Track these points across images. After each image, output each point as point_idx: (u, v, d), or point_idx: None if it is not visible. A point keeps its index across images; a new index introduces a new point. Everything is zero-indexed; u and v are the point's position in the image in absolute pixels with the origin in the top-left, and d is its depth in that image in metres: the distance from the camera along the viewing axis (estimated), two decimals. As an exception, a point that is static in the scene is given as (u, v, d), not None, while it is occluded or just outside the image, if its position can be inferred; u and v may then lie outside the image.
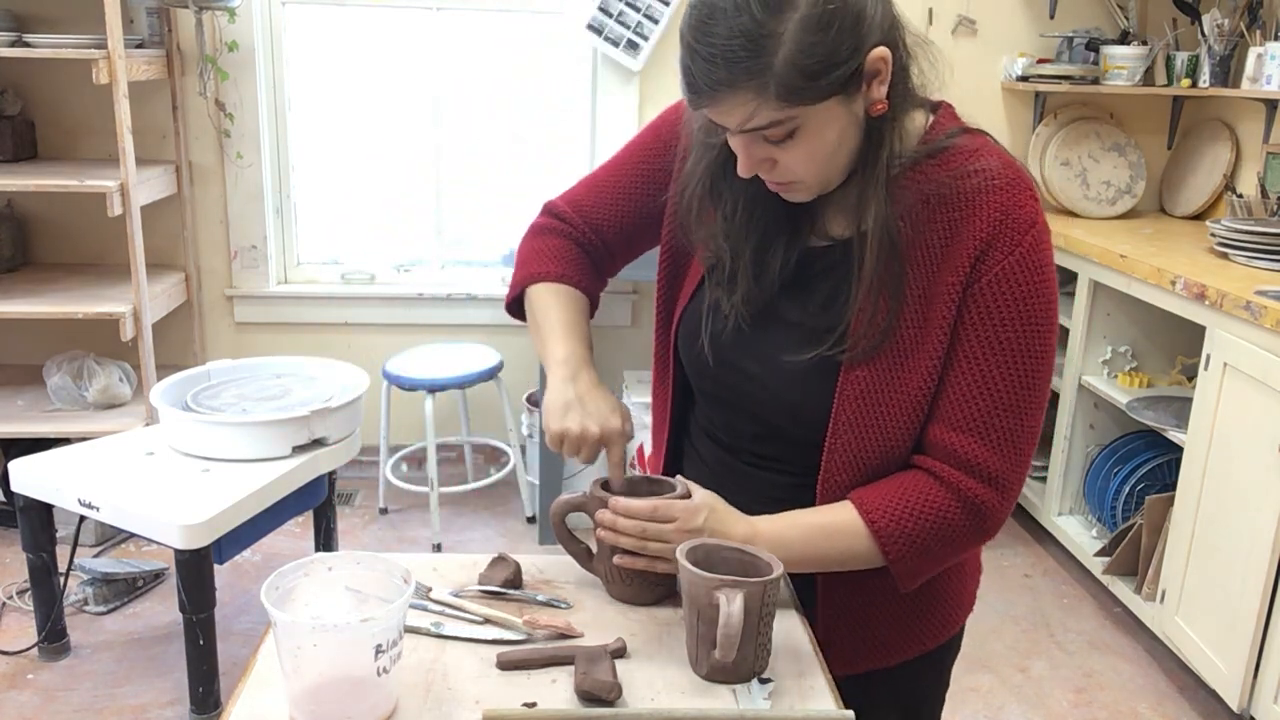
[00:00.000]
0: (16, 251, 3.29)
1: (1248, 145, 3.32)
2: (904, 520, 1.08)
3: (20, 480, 2.38)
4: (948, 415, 1.08)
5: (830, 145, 1.03)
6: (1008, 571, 3.17)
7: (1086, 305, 3.01)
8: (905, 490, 1.09)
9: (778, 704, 1.02)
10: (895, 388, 1.08)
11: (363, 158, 3.56)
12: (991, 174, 1.06)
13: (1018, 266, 1.04)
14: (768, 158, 1.04)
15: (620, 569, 1.16)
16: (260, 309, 3.51)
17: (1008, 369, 1.06)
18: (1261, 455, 2.22)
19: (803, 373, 1.12)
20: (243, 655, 2.57)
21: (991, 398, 1.06)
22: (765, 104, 0.97)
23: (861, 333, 1.07)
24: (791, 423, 1.15)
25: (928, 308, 1.07)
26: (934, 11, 3.46)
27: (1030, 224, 1.05)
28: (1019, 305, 1.05)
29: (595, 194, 1.29)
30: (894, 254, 1.06)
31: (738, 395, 1.19)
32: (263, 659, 1.05)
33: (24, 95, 3.24)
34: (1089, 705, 2.53)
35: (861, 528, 1.09)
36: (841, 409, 1.10)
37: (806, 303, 1.14)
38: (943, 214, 1.06)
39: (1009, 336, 1.05)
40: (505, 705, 0.99)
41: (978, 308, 1.05)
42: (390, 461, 3.42)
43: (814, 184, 1.08)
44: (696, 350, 1.20)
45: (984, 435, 1.07)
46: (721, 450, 1.25)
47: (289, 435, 2.39)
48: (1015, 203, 1.05)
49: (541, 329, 1.23)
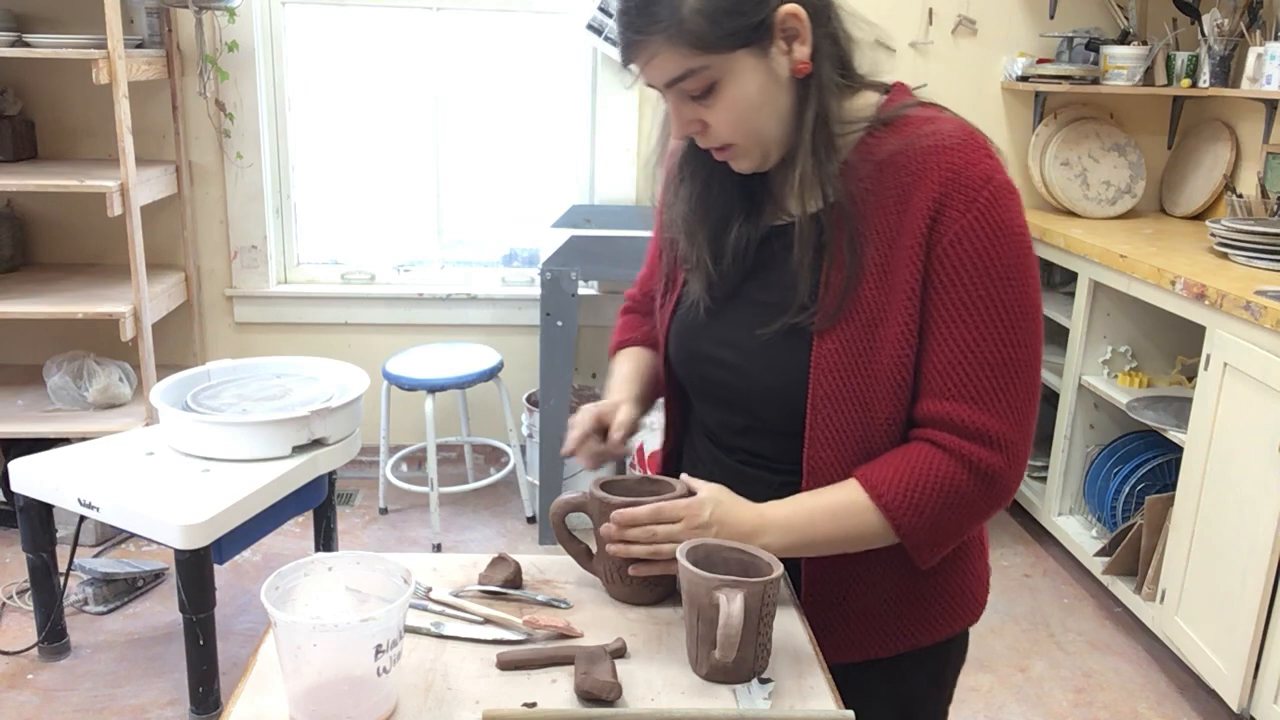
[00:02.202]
0: (16, 251, 3.29)
1: (1248, 145, 3.32)
2: (912, 493, 1.06)
3: (20, 480, 2.38)
4: (937, 386, 1.06)
5: (752, 102, 1.05)
6: (1008, 571, 3.17)
7: (1086, 305, 3.02)
8: (910, 462, 1.07)
9: (778, 704, 1.02)
10: (869, 358, 1.07)
11: (363, 157, 3.56)
12: (943, 135, 1.06)
13: (977, 224, 1.03)
14: (697, 119, 1.08)
15: (621, 570, 1.17)
16: (260, 309, 3.52)
17: (987, 330, 1.04)
18: (1261, 455, 2.22)
19: (775, 349, 1.13)
20: (243, 655, 2.57)
21: (977, 361, 1.04)
22: (677, 52, 1.02)
23: (826, 299, 1.09)
24: (771, 408, 1.16)
25: (890, 273, 1.06)
26: (934, 11, 3.46)
27: (985, 180, 1.04)
28: (985, 263, 1.03)
29: (650, 268, 1.41)
30: (851, 222, 1.07)
31: (719, 388, 1.21)
32: (263, 659, 1.05)
33: (24, 95, 3.24)
34: (1089, 705, 2.53)
35: (870, 504, 1.08)
36: (818, 383, 1.09)
37: (771, 281, 1.15)
38: (895, 178, 1.07)
39: (981, 296, 1.04)
40: (505, 705, 0.99)
41: (944, 270, 1.04)
42: (390, 461, 3.42)
43: (749, 147, 1.10)
44: (680, 352, 1.25)
45: (977, 400, 1.05)
46: (716, 448, 1.27)
47: (289, 435, 2.39)
48: (968, 161, 1.04)
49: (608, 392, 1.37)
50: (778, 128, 1.08)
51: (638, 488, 1.20)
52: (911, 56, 3.50)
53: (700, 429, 1.30)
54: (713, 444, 1.27)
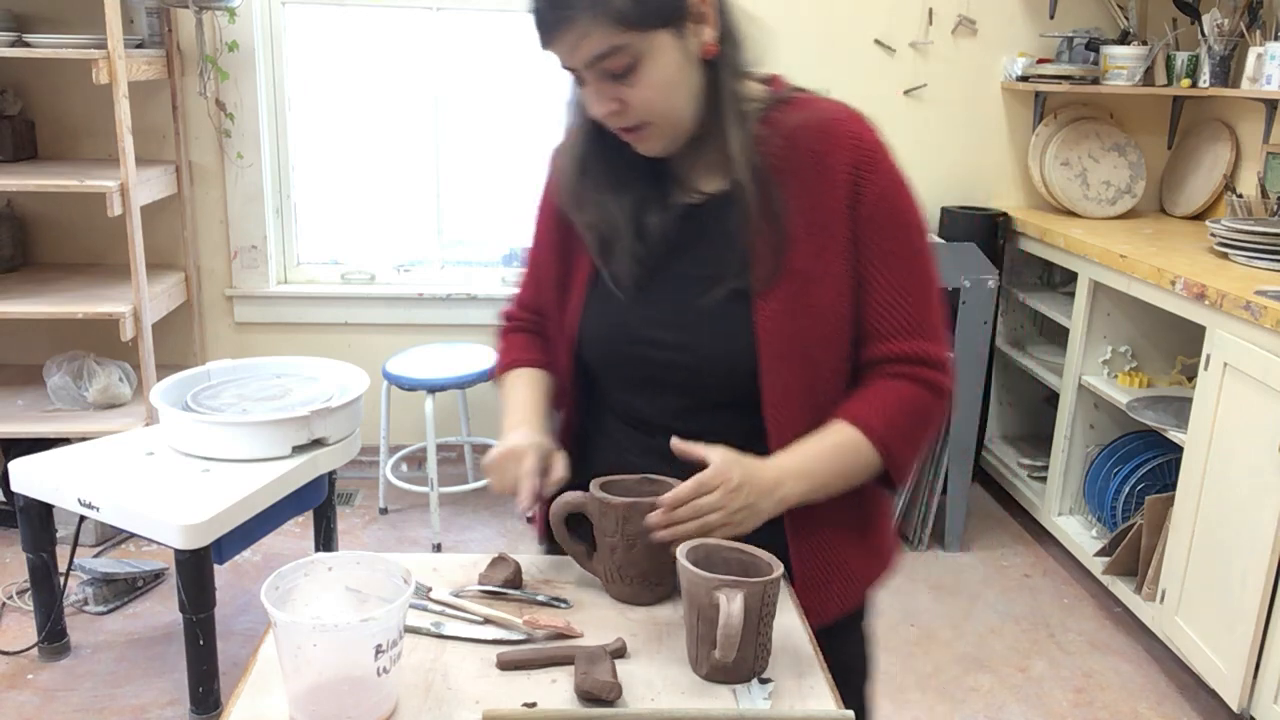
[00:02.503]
0: (16, 251, 3.29)
1: (1248, 145, 3.32)
2: (894, 422, 1.18)
3: (20, 480, 2.38)
4: (885, 328, 1.19)
5: (671, 79, 1.12)
6: (1008, 571, 3.17)
7: (1086, 305, 3.02)
8: (884, 396, 1.19)
9: (778, 704, 1.02)
10: (810, 314, 1.17)
11: (363, 157, 3.56)
12: (837, 110, 1.21)
13: (888, 184, 1.18)
14: (616, 98, 1.12)
15: (621, 569, 1.17)
16: (260, 309, 3.51)
17: (913, 272, 1.19)
18: (1261, 455, 2.22)
19: (718, 318, 1.18)
20: (243, 655, 2.57)
21: (911, 300, 1.19)
22: (602, 30, 1.07)
23: (761, 261, 1.17)
24: (720, 379, 1.19)
25: (818, 233, 1.17)
26: (934, 11, 3.46)
27: (881, 146, 1.19)
28: (901, 217, 1.19)
29: (529, 285, 1.41)
30: (771, 188, 1.16)
31: (660, 370, 1.23)
32: (263, 659, 1.05)
33: (24, 95, 3.24)
34: (1089, 705, 2.53)
35: (864, 440, 1.18)
36: (767, 344, 1.16)
37: (698, 256, 1.21)
38: (806, 148, 1.18)
39: (903, 245, 1.19)
40: (505, 705, 0.99)
41: (871, 228, 1.17)
42: (390, 461, 3.42)
43: (665, 125, 1.15)
44: (606, 343, 1.26)
45: (919, 332, 1.19)
46: (644, 435, 1.27)
47: (289, 435, 2.39)
48: (864, 130, 1.19)
49: (503, 412, 1.34)
50: (690, 107, 1.15)
51: (637, 488, 1.20)
52: (911, 56, 3.50)
53: (622, 419, 1.30)
54: (641, 432, 1.28)
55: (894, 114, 3.54)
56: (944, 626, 2.85)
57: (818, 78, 3.24)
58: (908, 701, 2.52)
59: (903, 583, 3.07)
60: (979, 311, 3.08)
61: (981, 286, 3.08)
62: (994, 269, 3.12)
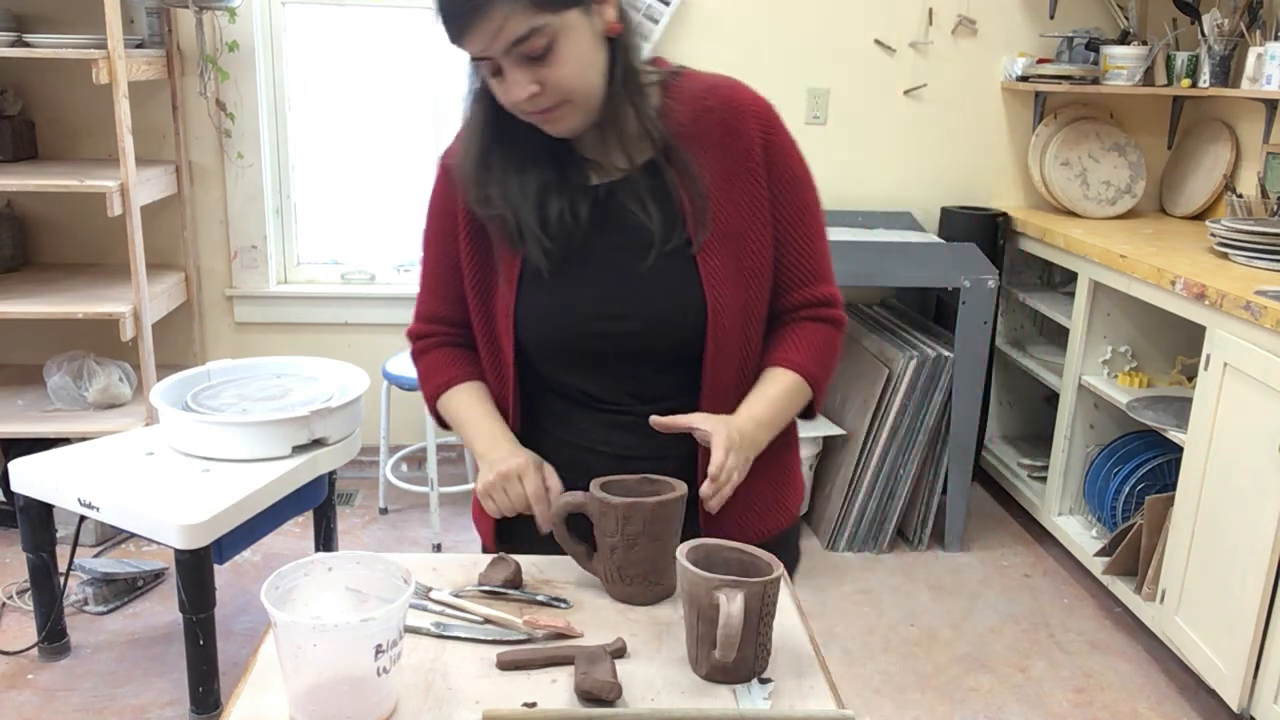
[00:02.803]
0: (16, 251, 3.29)
1: (1248, 145, 3.32)
2: (820, 359, 1.31)
3: (20, 480, 2.38)
4: (796, 279, 1.31)
5: (585, 56, 1.17)
6: (1008, 571, 3.17)
7: (1086, 305, 3.02)
8: (809, 339, 1.31)
9: (778, 704, 1.02)
10: (743, 266, 1.26)
11: (363, 157, 3.56)
12: (726, 80, 1.30)
13: (787, 145, 1.29)
14: (536, 80, 1.15)
15: (621, 569, 1.17)
16: (260, 309, 3.51)
17: (812, 223, 1.31)
18: (1261, 455, 2.22)
19: (666, 280, 1.24)
20: (243, 655, 2.57)
21: (815, 249, 1.31)
22: (519, 14, 1.11)
23: (692, 222, 1.24)
24: (670, 339, 1.25)
25: (737, 191, 1.26)
26: (934, 11, 3.46)
27: (774, 109, 1.30)
28: (801, 171, 1.30)
29: (436, 298, 1.40)
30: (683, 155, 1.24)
31: (612, 344, 1.26)
32: (263, 659, 1.06)
33: (24, 95, 3.24)
34: (1089, 705, 2.53)
35: (802, 383, 1.30)
36: (714, 297, 1.23)
37: (628, 227, 1.25)
38: (713, 115, 1.26)
39: (804, 198, 1.30)
40: (505, 705, 0.99)
41: (782, 185, 1.28)
42: (390, 461, 3.42)
43: (581, 102, 1.19)
44: (553, 329, 1.28)
45: (822, 277, 1.33)
46: (607, 412, 1.31)
47: (289, 435, 2.39)
48: (756, 97, 1.29)
49: (463, 431, 1.37)
50: (600, 84, 1.20)
51: (637, 488, 1.20)
52: (911, 56, 3.50)
53: (572, 399, 1.32)
54: (591, 409, 1.31)
55: (894, 114, 3.54)
56: (944, 626, 2.85)
57: (818, 78, 3.31)
58: (908, 701, 2.52)
59: (903, 583, 3.07)
60: (979, 311, 3.08)
61: (981, 286, 3.08)
62: (994, 269, 3.12)
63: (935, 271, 3.14)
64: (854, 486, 3.19)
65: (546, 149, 1.25)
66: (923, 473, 3.19)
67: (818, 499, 3.35)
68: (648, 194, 1.25)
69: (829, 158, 3.55)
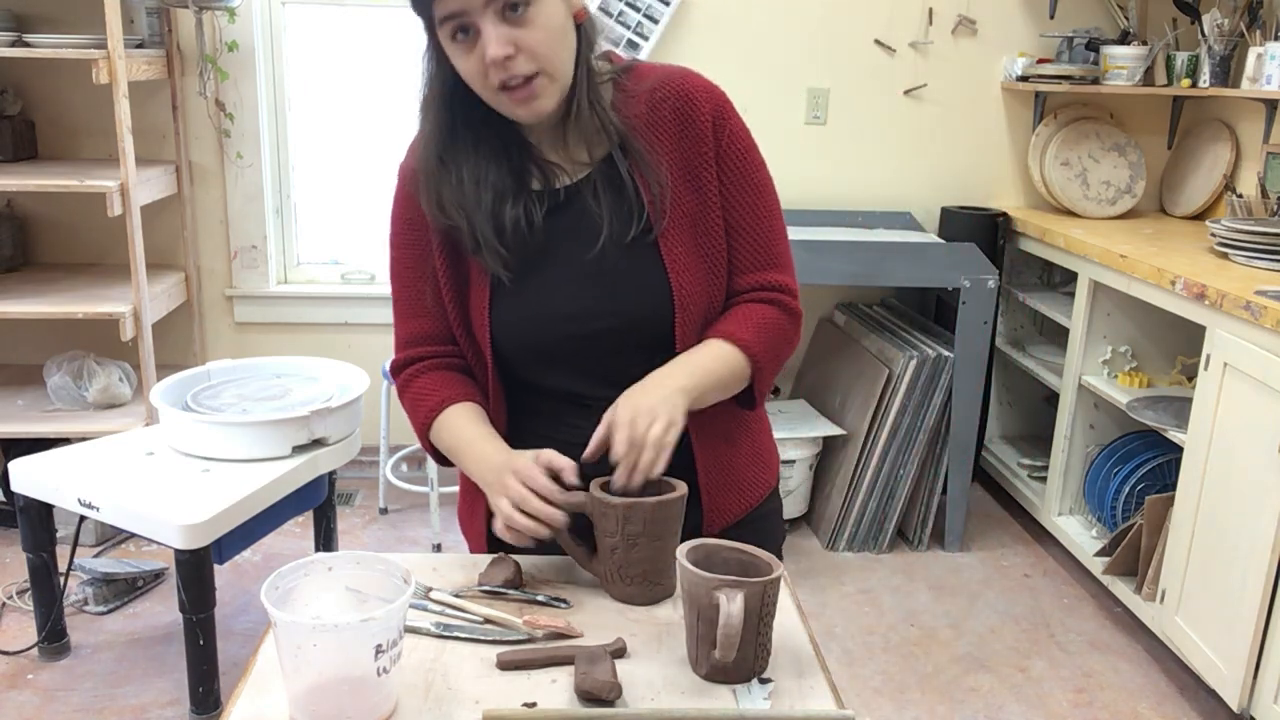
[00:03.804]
0: (16, 251, 3.29)
1: (1248, 145, 3.32)
2: (762, 337, 1.28)
3: (20, 480, 2.38)
4: (746, 263, 1.30)
5: (559, 27, 1.18)
6: (1008, 571, 3.17)
7: (1086, 305, 3.02)
8: (751, 315, 1.29)
9: (778, 704, 1.02)
10: (704, 252, 1.27)
11: (363, 157, 3.56)
12: (680, 71, 1.30)
13: (740, 128, 1.29)
14: (512, 41, 1.14)
15: (621, 570, 1.17)
16: (260, 309, 3.51)
17: (767, 208, 1.31)
18: (1261, 455, 2.22)
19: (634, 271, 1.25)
20: (243, 655, 2.57)
21: (768, 234, 1.31)
22: None
23: (653, 213, 1.25)
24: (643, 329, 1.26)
25: (695, 178, 1.26)
26: (934, 11, 3.46)
27: (726, 96, 1.30)
28: (753, 156, 1.30)
29: (415, 317, 1.37)
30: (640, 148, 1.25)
31: (589, 341, 1.27)
32: (263, 659, 1.06)
33: (24, 95, 3.24)
34: (1089, 705, 2.53)
35: (737, 353, 1.27)
36: (678, 286, 1.24)
37: (589, 225, 1.25)
38: (667, 106, 1.26)
39: (756, 183, 1.30)
40: (505, 705, 0.99)
41: (731, 170, 1.28)
42: (390, 461, 3.42)
43: (553, 75, 1.18)
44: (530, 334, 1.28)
45: (777, 264, 1.32)
46: (579, 406, 1.30)
47: (289, 435, 2.39)
48: (709, 85, 1.29)
49: (459, 456, 1.32)
50: (570, 62, 1.21)
51: (638, 487, 1.20)
52: (912, 56, 3.50)
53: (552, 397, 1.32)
54: (574, 405, 1.31)
55: (894, 114, 3.54)
56: (944, 626, 2.85)
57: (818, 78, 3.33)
58: (908, 701, 2.52)
59: (903, 583, 3.07)
60: (979, 311, 3.08)
61: (981, 286, 3.08)
62: (994, 269, 3.12)
63: (935, 271, 3.14)
64: (854, 486, 3.18)
65: (502, 155, 1.25)
66: (923, 473, 3.19)
67: (818, 499, 3.35)
68: (607, 188, 1.25)
69: (829, 158, 3.55)
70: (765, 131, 3.84)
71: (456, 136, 1.25)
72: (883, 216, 3.55)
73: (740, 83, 1.40)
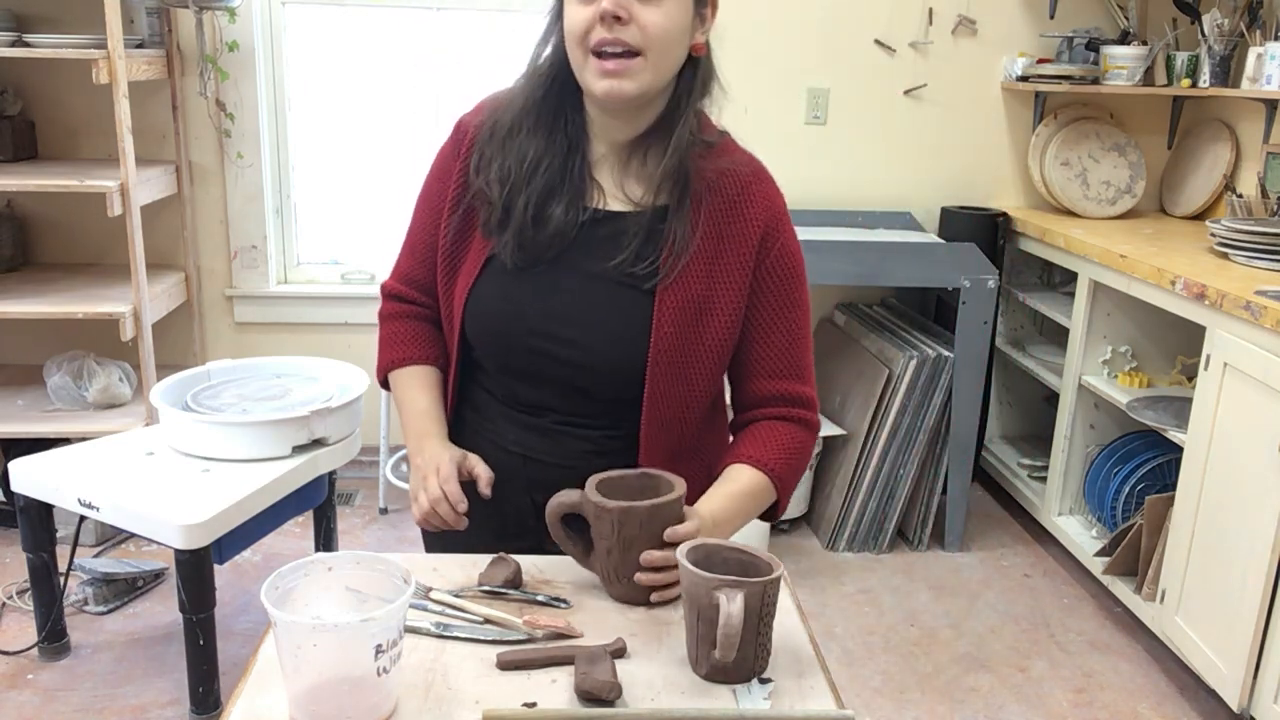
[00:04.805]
0: (16, 251, 3.28)
1: (1248, 145, 3.32)
2: (789, 462, 1.31)
3: (20, 480, 2.38)
4: (773, 368, 1.31)
5: (676, 27, 1.19)
6: (1008, 571, 3.17)
7: (1086, 305, 3.02)
8: (779, 439, 1.31)
9: (778, 704, 1.02)
10: (698, 330, 1.26)
11: (363, 157, 3.56)
12: (754, 169, 1.31)
13: (791, 243, 1.31)
14: (627, 8, 1.16)
15: (620, 569, 1.17)
16: (260, 309, 3.51)
17: (798, 321, 1.32)
18: (1261, 455, 2.22)
19: (618, 323, 1.25)
20: (243, 655, 2.57)
21: (795, 345, 1.32)
22: None
23: (666, 276, 1.25)
24: (608, 379, 1.26)
25: (718, 266, 1.27)
26: (934, 11, 3.46)
27: (785, 209, 1.32)
28: (795, 271, 1.31)
29: (417, 261, 1.40)
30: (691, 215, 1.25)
31: (551, 363, 1.27)
32: (263, 659, 1.06)
33: (24, 95, 3.24)
34: (1089, 705, 2.53)
35: (768, 483, 1.30)
36: (659, 335, 1.24)
37: (611, 260, 1.26)
38: (724, 192, 1.27)
39: (794, 298, 1.31)
40: (505, 705, 0.99)
41: (772, 278, 1.29)
42: (390, 461, 3.42)
43: (651, 65, 1.18)
44: (499, 329, 1.29)
45: (799, 376, 1.33)
46: (526, 415, 1.33)
47: (289, 435, 2.39)
48: (773, 193, 1.31)
49: (402, 418, 1.38)
50: (670, 73, 1.22)
51: (636, 483, 1.20)
52: (911, 56, 3.50)
53: (500, 398, 1.35)
54: (519, 411, 1.33)
55: (894, 114, 3.54)
56: (944, 626, 2.85)
57: (818, 78, 3.32)
58: (908, 701, 2.52)
59: (903, 583, 3.07)
60: (979, 311, 3.08)
61: (981, 286, 3.08)
62: (994, 269, 3.12)
63: (935, 271, 3.14)
64: (854, 486, 3.18)
65: (566, 156, 1.26)
66: (923, 473, 3.19)
67: (817, 499, 3.35)
68: (642, 233, 1.25)
69: (829, 158, 3.55)
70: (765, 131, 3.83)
71: (539, 116, 1.26)
72: (883, 216, 3.55)
73: (740, 83, 1.39)
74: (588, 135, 1.29)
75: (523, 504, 1.35)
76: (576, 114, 1.27)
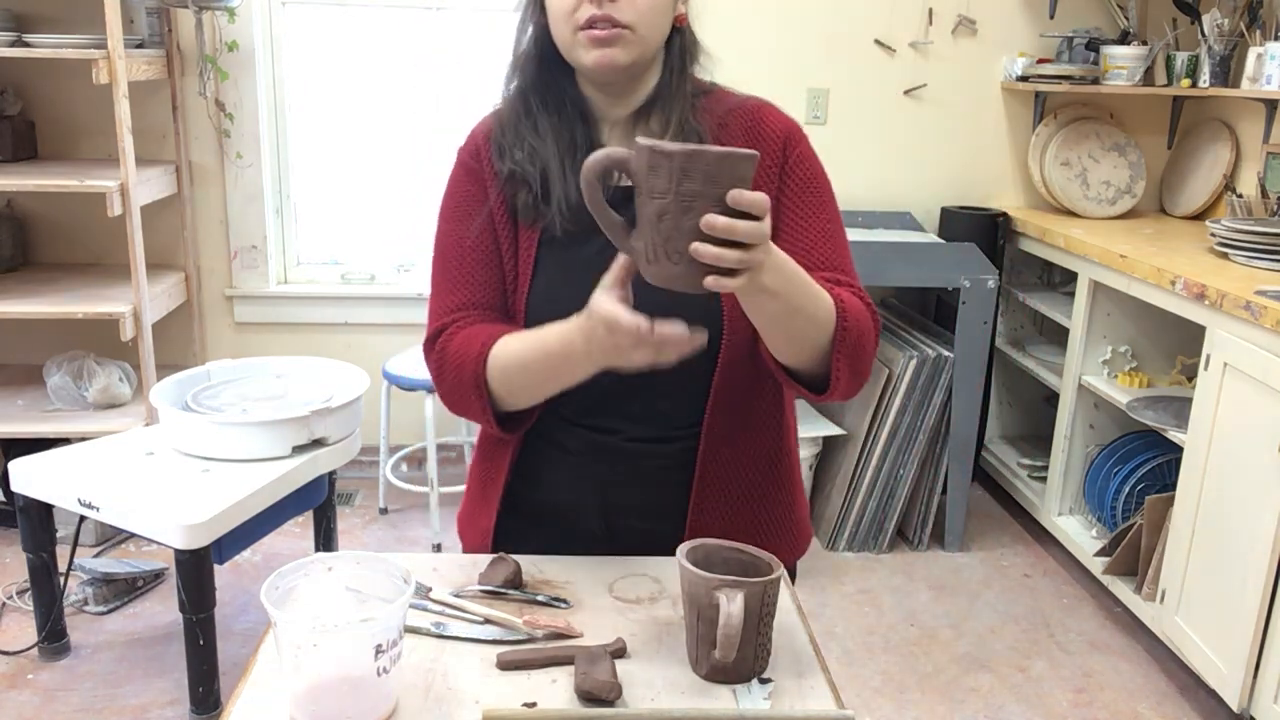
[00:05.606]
0: (16, 251, 3.29)
1: (1248, 145, 3.32)
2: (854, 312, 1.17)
3: (20, 480, 2.38)
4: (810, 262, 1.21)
5: (662, 1, 1.22)
6: (1008, 571, 3.17)
7: (1086, 305, 3.02)
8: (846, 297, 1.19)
9: (778, 704, 1.02)
10: None
11: (363, 157, 3.56)
12: (758, 100, 1.35)
13: (810, 153, 1.32)
14: None
15: (668, 246, 0.98)
16: (260, 309, 3.51)
17: (830, 221, 1.29)
18: (1261, 455, 2.22)
19: None
20: (243, 655, 2.57)
21: (831, 242, 1.27)
22: None
23: None
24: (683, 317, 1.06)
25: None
26: (934, 11, 3.46)
27: (797, 128, 1.34)
28: (818, 178, 1.31)
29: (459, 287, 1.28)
30: None
31: None
32: (263, 659, 1.06)
33: (24, 95, 3.24)
34: (1089, 705, 2.53)
35: (830, 303, 1.14)
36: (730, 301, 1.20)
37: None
38: (739, 127, 1.29)
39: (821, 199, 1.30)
40: (505, 705, 0.99)
41: (795, 185, 1.28)
42: (390, 461, 3.42)
43: (639, 38, 1.19)
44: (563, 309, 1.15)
45: (842, 269, 1.26)
46: (597, 434, 1.29)
47: (289, 435, 2.39)
48: (785, 116, 1.34)
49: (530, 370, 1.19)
50: (657, 45, 1.24)
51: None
52: (911, 56, 3.50)
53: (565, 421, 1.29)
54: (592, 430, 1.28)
55: (894, 114, 3.54)
56: (944, 626, 2.85)
57: (818, 78, 3.32)
58: (908, 701, 2.52)
59: (903, 583, 3.07)
60: (979, 311, 3.08)
61: (981, 286, 3.08)
62: (994, 269, 3.12)
63: (935, 271, 3.14)
64: (854, 486, 3.19)
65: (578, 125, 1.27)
66: (923, 473, 3.19)
67: (817, 499, 3.35)
68: None
69: (829, 158, 3.48)
70: (765, 131, 3.75)
71: (542, 95, 1.26)
72: (883, 216, 3.55)
73: (740, 82, 1.39)
74: (593, 114, 1.29)
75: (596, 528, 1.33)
76: (575, 91, 1.28)
